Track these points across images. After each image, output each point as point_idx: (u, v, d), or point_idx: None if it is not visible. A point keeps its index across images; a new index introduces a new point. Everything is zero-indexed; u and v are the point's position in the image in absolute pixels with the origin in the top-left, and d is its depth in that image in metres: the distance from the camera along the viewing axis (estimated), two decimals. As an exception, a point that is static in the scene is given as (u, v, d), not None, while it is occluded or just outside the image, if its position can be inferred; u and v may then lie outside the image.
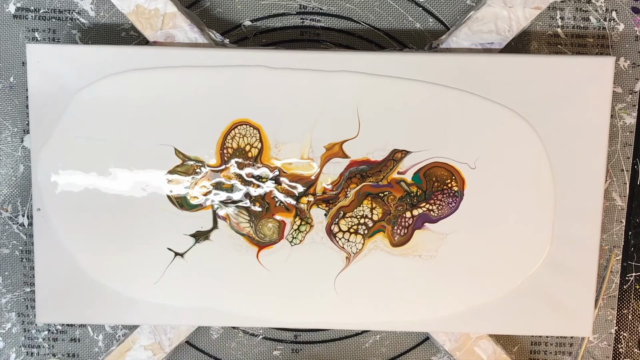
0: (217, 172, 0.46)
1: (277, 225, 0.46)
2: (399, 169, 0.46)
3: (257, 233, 0.46)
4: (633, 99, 0.50)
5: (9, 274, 0.51)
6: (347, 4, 0.50)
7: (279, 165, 0.46)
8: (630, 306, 0.52)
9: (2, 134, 0.50)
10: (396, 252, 0.46)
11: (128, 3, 0.46)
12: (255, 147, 0.46)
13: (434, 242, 0.46)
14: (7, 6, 0.50)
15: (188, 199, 0.46)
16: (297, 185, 0.46)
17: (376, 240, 0.46)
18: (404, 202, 0.46)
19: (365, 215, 0.46)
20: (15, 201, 0.51)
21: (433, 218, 0.46)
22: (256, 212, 0.46)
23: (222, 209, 0.46)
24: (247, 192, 0.46)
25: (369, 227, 0.46)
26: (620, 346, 0.52)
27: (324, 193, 0.46)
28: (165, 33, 0.46)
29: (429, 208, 0.46)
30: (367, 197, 0.46)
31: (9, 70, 0.50)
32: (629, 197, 0.51)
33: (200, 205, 0.46)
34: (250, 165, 0.46)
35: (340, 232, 0.46)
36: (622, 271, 0.52)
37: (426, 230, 0.46)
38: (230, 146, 0.46)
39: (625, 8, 0.50)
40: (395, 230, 0.46)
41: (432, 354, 0.52)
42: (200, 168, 0.46)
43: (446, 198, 0.45)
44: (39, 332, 0.52)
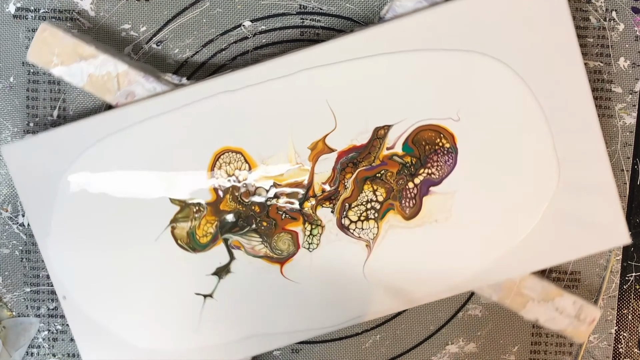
0: (216, 206, 0.46)
1: (290, 237, 0.46)
2: (387, 145, 0.45)
3: (274, 251, 0.46)
4: (633, 99, 0.50)
5: (9, 274, 0.51)
6: (347, 4, 0.50)
7: (272, 180, 0.46)
8: (630, 306, 0.52)
9: (2, 134, 0.50)
10: (412, 224, 0.46)
11: (80, 76, 0.46)
12: (243, 173, 0.46)
13: (445, 203, 0.45)
14: (7, 6, 0.50)
15: (198, 240, 0.46)
16: (297, 191, 0.46)
17: (389, 220, 0.46)
18: (403, 174, 0.45)
19: (370, 199, 0.46)
20: (15, 201, 0.51)
21: (436, 180, 0.45)
22: (266, 231, 0.46)
23: (232, 239, 0.46)
24: (251, 215, 0.46)
25: (377, 210, 0.46)
26: (620, 346, 0.52)
27: (323, 192, 0.46)
28: (125, 92, 0.46)
29: (428, 172, 0.45)
30: (366, 181, 0.46)
31: (9, 70, 0.50)
32: (629, 197, 0.51)
33: (211, 242, 0.46)
34: (245, 190, 0.46)
35: (352, 223, 0.46)
36: (622, 271, 0.52)
37: (433, 194, 0.45)
38: (218, 175, 0.46)
39: (625, 8, 0.50)
40: (404, 204, 0.45)
41: (432, 354, 0.52)
42: (199, 208, 0.46)
43: (442, 157, 0.45)
44: (39, 332, 0.52)
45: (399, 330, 0.52)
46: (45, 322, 0.52)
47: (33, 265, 0.51)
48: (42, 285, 0.51)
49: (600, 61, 0.50)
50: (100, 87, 0.46)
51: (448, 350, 0.52)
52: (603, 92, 0.50)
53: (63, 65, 0.46)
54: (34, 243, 0.51)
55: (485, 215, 0.46)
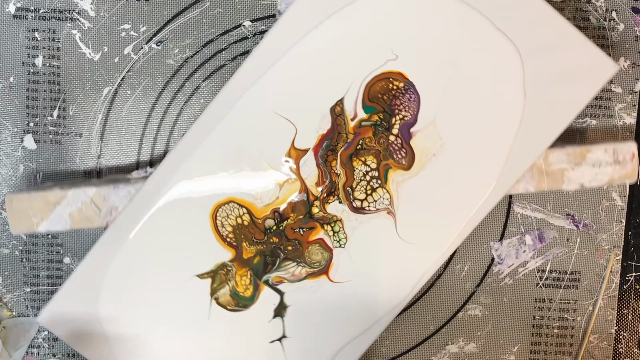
0: (240, 258, 0.46)
1: (318, 245, 0.46)
2: (349, 117, 0.45)
3: (312, 266, 0.46)
4: (633, 99, 0.50)
5: (9, 274, 0.51)
6: (347, 4, 0.50)
7: (272, 208, 0.46)
8: (630, 306, 0.52)
9: (2, 134, 0.50)
10: (415, 171, 0.45)
11: (64, 221, 0.46)
12: (244, 213, 0.46)
13: (431, 136, 0.45)
14: (7, 6, 0.50)
15: (243, 297, 0.46)
16: (300, 200, 0.46)
17: (393, 179, 0.45)
18: (380, 133, 0.45)
19: (365, 172, 0.45)
20: (15, 201, 0.51)
21: (411, 120, 0.45)
22: (295, 253, 0.46)
23: (271, 277, 0.46)
24: (273, 248, 0.46)
25: (378, 177, 0.45)
26: (620, 346, 0.52)
27: (321, 190, 0.46)
28: (107, 211, 0.46)
29: (400, 118, 0.45)
30: (352, 158, 0.45)
31: (9, 70, 0.50)
32: (629, 197, 0.51)
33: (255, 291, 0.46)
34: (255, 231, 0.46)
35: (363, 201, 0.46)
36: (622, 271, 0.52)
37: (417, 133, 0.45)
38: (226, 230, 0.46)
39: (625, 8, 0.50)
40: (397, 157, 0.45)
41: (432, 354, 0.52)
42: (227, 268, 0.46)
43: (403, 98, 0.45)
44: (39, 332, 0.52)
45: (399, 330, 0.52)
46: (45, 322, 0.52)
47: (33, 265, 0.51)
48: (42, 285, 0.51)
49: (600, 61, 0.50)
50: (84, 219, 0.46)
51: (448, 350, 0.52)
52: (603, 92, 0.50)
53: (44, 221, 0.46)
54: (34, 243, 0.51)
55: (472, 124, 0.45)
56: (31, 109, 0.50)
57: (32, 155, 0.51)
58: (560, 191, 0.50)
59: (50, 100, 0.50)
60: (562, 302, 0.52)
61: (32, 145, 0.51)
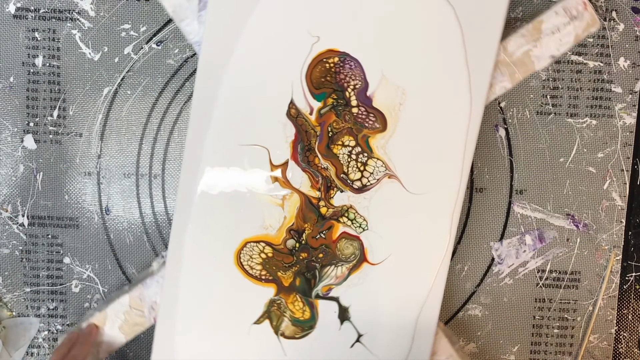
0: (283, 288, 0.46)
1: (344, 240, 0.46)
2: (307, 113, 0.45)
3: (348, 260, 0.46)
4: (633, 99, 0.50)
5: (9, 274, 0.51)
6: (347, 4, 0.50)
7: (285, 229, 0.46)
8: (630, 306, 0.52)
9: (2, 134, 0.50)
10: (392, 128, 0.45)
11: (119, 337, 0.47)
12: (265, 248, 0.46)
13: (389, 88, 0.44)
14: (7, 6, 0.50)
15: (304, 320, 0.47)
16: (308, 212, 0.46)
17: (377, 146, 0.45)
18: (342, 111, 0.45)
19: (348, 153, 0.45)
20: (15, 201, 0.51)
21: (363, 85, 0.45)
22: (327, 257, 0.46)
23: (319, 290, 0.46)
24: (306, 262, 0.46)
25: (362, 151, 0.45)
26: (620, 346, 0.52)
27: (319, 190, 0.46)
28: (148, 310, 0.47)
29: (352, 88, 0.45)
30: (330, 148, 0.45)
31: (9, 70, 0.50)
32: (629, 197, 0.51)
33: (312, 310, 0.47)
34: (280, 257, 0.46)
35: (361, 179, 0.45)
36: (622, 271, 0.52)
37: (375, 93, 0.45)
38: (256, 270, 0.46)
39: (625, 8, 0.50)
40: (369, 124, 0.45)
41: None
42: (276, 303, 0.46)
43: (344, 69, 0.44)
44: (39, 332, 0.52)
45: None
46: (45, 322, 0.52)
47: (33, 265, 0.51)
48: (42, 285, 0.51)
49: (600, 61, 0.50)
50: (135, 327, 0.47)
51: (448, 350, 0.52)
52: (603, 92, 0.50)
53: (102, 346, 0.47)
54: (34, 243, 0.51)
55: (419, 58, 0.44)
56: (31, 109, 0.50)
57: (32, 155, 0.51)
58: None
59: (50, 100, 0.50)
60: (562, 302, 0.52)
61: (32, 145, 0.51)
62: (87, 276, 0.51)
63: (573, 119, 0.50)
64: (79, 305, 0.51)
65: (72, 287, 0.51)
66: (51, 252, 0.51)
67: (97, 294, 0.51)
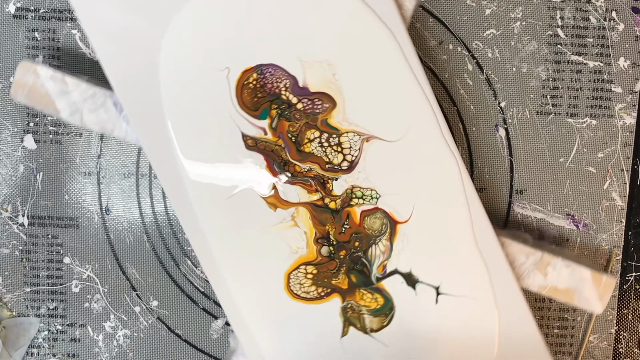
0: (346, 292, 0.46)
1: (368, 215, 0.45)
2: (262, 136, 0.44)
3: (382, 232, 0.45)
4: (633, 99, 0.50)
5: (9, 274, 0.51)
6: (347, 4, 0.50)
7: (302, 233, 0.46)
8: (630, 306, 0.52)
9: (2, 134, 0.50)
10: (341, 99, 0.44)
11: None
12: (307, 268, 0.46)
13: (319, 69, 0.43)
14: (7, 6, 0.50)
15: (382, 307, 0.46)
16: (321, 216, 0.46)
17: (339, 122, 0.44)
18: (290, 113, 0.44)
19: (319, 144, 0.45)
20: (15, 201, 0.51)
21: (293, 81, 0.44)
22: (364, 241, 0.45)
23: (374, 274, 0.46)
24: (351, 256, 0.46)
25: (330, 133, 0.44)
26: (620, 346, 0.52)
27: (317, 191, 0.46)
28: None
29: (284, 88, 0.44)
30: (301, 150, 0.45)
31: (9, 70, 0.50)
32: (629, 197, 0.51)
33: (383, 294, 0.46)
34: (323, 270, 0.46)
35: (345, 158, 0.45)
36: (622, 271, 0.52)
37: (306, 80, 0.44)
38: (313, 292, 0.46)
39: (625, 8, 0.50)
40: (320, 109, 0.44)
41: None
42: (348, 309, 0.46)
43: (267, 79, 0.44)
44: (39, 332, 0.52)
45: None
46: (45, 322, 0.52)
47: (33, 265, 0.51)
48: (42, 285, 0.51)
49: (600, 61, 0.50)
50: None
51: (448, 350, 0.52)
52: (603, 92, 0.50)
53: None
54: (34, 243, 0.51)
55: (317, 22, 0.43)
56: (31, 109, 0.50)
57: (32, 155, 0.51)
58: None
59: (50, 100, 0.50)
60: (562, 302, 0.52)
61: (32, 145, 0.51)
62: (87, 276, 0.51)
63: (573, 119, 0.51)
64: (79, 305, 0.51)
65: (72, 287, 0.51)
66: (51, 252, 0.51)
67: (97, 294, 0.51)
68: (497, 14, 0.50)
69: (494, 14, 0.50)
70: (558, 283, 0.46)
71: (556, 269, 0.46)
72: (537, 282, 0.46)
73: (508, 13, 0.50)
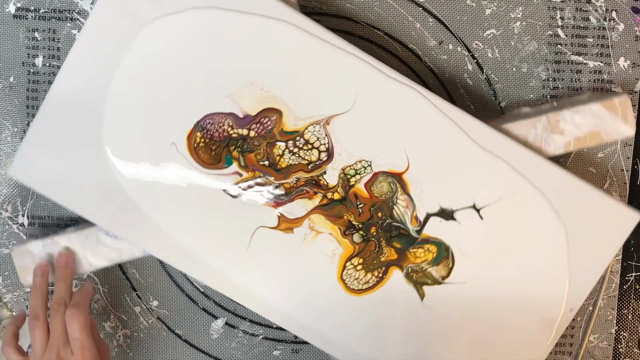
0: (399, 260, 0.46)
1: (374, 185, 0.45)
2: (240, 179, 0.45)
3: (393, 189, 0.45)
4: (633, 99, 0.50)
5: (9, 274, 0.51)
6: (347, 4, 0.50)
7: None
8: (630, 306, 0.52)
9: (2, 134, 0.50)
10: (286, 102, 0.45)
11: None
12: (353, 262, 0.46)
13: (245, 89, 0.45)
14: (7, 6, 0.50)
15: (436, 256, 0.46)
16: (336, 210, 0.46)
17: (295, 124, 0.45)
18: (249, 145, 0.45)
19: (290, 153, 0.45)
20: (15, 201, 0.51)
21: (232, 116, 0.45)
22: (383, 208, 0.46)
23: (411, 229, 0.46)
24: (382, 225, 0.46)
25: (292, 138, 0.45)
26: (620, 346, 0.52)
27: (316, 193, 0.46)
28: None
29: (229, 127, 0.45)
30: (279, 170, 0.45)
31: (9, 70, 0.50)
32: (629, 197, 0.51)
33: (432, 244, 0.46)
34: None
35: (319, 150, 0.45)
36: (622, 271, 0.52)
37: (244, 107, 0.45)
38: (371, 278, 0.46)
39: (625, 8, 0.50)
40: (271, 125, 0.45)
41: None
42: (410, 274, 0.46)
43: (209, 127, 0.45)
44: (39, 332, 0.52)
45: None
46: (45, 322, 0.52)
47: (33, 265, 0.51)
48: (42, 285, 0.51)
49: (600, 61, 0.50)
50: None
51: (448, 350, 0.52)
52: (603, 92, 0.50)
53: None
54: (34, 243, 0.51)
55: None
56: (31, 109, 0.50)
57: (32, 155, 0.51)
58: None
59: (50, 100, 0.50)
60: (562, 302, 0.52)
61: (32, 145, 0.51)
62: (87, 276, 0.51)
63: (573, 119, 0.50)
64: (79, 305, 0.51)
65: (72, 287, 0.51)
66: (51, 252, 0.51)
67: (97, 293, 0.51)
68: (497, 14, 0.50)
69: (494, 14, 0.50)
70: (578, 132, 0.46)
71: (568, 121, 0.46)
72: (559, 144, 0.46)
73: (508, 13, 0.50)
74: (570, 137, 0.46)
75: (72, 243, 0.47)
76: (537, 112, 0.47)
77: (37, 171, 0.45)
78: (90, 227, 0.47)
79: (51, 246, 0.47)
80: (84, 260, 0.47)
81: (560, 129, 0.46)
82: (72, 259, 0.46)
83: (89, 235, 0.47)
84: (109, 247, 0.47)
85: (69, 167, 0.45)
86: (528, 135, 0.46)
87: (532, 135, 0.46)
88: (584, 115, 0.45)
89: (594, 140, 0.46)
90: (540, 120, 0.46)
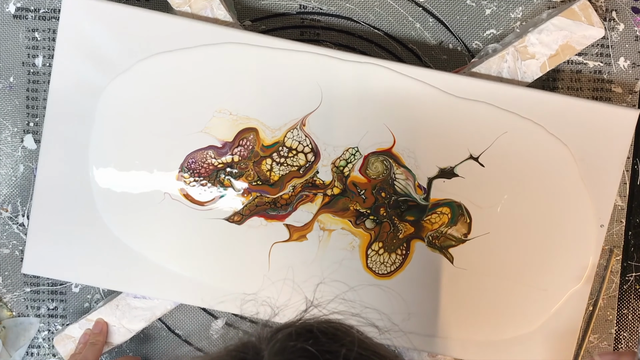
0: (417, 233, 0.46)
1: (367, 167, 0.46)
2: (238, 215, 0.46)
3: (388, 167, 0.46)
4: (633, 99, 0.50)
5: (9, 274, 0.51)
6: (347, 4, 0.50)
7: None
8: (630, 306, 0.52)
9: (2, 134, 0.50)
10: (260, 120, 0.46)
11: None
12: (374, 247, 0.46)
13: (216, 119, 0.46)
14: (7, 6, 0.50)
15: (455, 212, 0.46)
16: (340, 203, 0.46)
17: (274, 136, 0.46)
18: (239, 171, 0.46)
19: (278, 162, 0.46)
20: (15, 201, 0.51)
21: (214, 148, 0.46)
22: (384, 187, 0.46)
23: (419, 199, 0.46)
24: (394, 204, 0.46)
25: (276, 148, 0.46)
26: (620, 346, 0.52)
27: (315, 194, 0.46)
28: None
29: (213, 158, 0.46)
30: (273, 184, 0.46)
31: (9, 70, 0.50)
32: (629, 197, 0.51)
33: (445, 206, 0.46)
34: None
35: (304, 151, 0.46)
36: (622, 271, 0.52)
37: (218, 134, 0.46)
38: (397, 257, 0.46)
39: (625, 8, 0.50)
40: (251, 144, 0.46)
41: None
42: (436, 242, 0.47)
43: (192, 166, 0.46)
44: (39, 332, 0.52)
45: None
46: (45, 322, 0.52)
47: (33, 265, 0.51)
48: (42, 285, 0.51)
49: (600, 61, 0.50)
50: None
51: (448, 350, 0.52)
52: (603, 92, 0.50)
53: None
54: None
55: None
56: (31, 109, 0.50)
57: (32, 155, 0.51)
58: None
59: (50, 100, 0.50)
60: (562, 302, 0.52)
61: (32, 145, 0.51)
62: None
63: (573, 119, 0.50)
64: (79, 305, 0.51)
65: (72, 287, 0.51)
66: (51, 252, 0.51)
67: (96, 294, 0.51)
68: (497, 14, 0.50)
69: (494, 14, 0.50)
70: (549, 50, 0.46)
71: (535, 43, 0.46)
72: (534, 69, 0.46)
73: (508, 13, 0.50)
74: (543, 58, 0.46)
75: (105, 316, 0.48)
76: (503, 46, 0.47)
77: (48, 262, 0.46)
78: (117, 295, 0.48)
79: (87, 325, 0.48)
80: (121, 329, 0.48)
81: (531, 53, 0.46)
82: (106, 327, 0.48)
83: (119, 304, 0.48)
84: (141, 308, 0.48)
85: (77, 248, 0.46)
86: (501, 71, 0.46)
87: (505, 69, 0.46)
88: (549, 32, 0.45)
89: (567, 53, 0.46)
90: (508, 51, 0.46)
